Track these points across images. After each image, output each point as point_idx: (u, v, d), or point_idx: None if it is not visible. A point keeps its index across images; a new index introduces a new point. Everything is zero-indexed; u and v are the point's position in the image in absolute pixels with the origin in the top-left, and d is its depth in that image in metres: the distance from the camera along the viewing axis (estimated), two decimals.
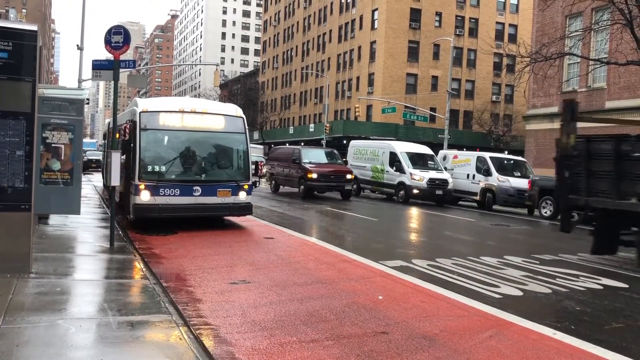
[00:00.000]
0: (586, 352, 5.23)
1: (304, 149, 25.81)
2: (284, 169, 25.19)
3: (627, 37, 19.61)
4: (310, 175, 22.68)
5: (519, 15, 56.63)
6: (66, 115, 9.95)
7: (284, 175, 25.30)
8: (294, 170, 24.01)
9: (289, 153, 25.44)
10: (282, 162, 25.49)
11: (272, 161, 27.10)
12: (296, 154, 24.30)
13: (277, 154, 27.54)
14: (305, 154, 24.28)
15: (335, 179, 23.26)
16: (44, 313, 5.57)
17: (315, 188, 23.26)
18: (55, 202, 10.09)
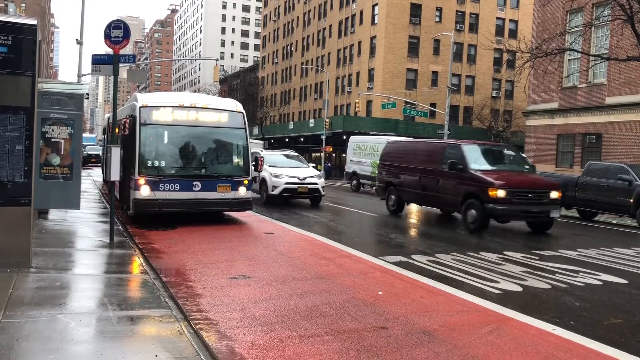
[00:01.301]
0: (585, 348, 5.24)
1: (468, 145, 14.91)
2: (424, 177, 15.48)
3: (628, 33, 19.57)
4: (494, 192, 12.90)
5: (519, 10, 56.54)
6: (66, 110, 9.95)
7: (423, 187, 15.50)
8: (450, 182, 14.28)
9: (434, 151, 15.56)
10: (417, 166, 15.91)
11: (391, 161, 17.48)
12: (453, 154, 14.46)
13: (401, 150, 17.49)
14: (472, 155, 14.23)
15: (535, 198, 13.41)
16: (44, 307, 5.58)
17: (500, 214, 13.15)
18: (54, 197, 10.10)
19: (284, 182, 17.81)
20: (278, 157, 20.09)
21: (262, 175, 17.83)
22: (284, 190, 17.82)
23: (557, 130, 29.12)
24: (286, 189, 17.85)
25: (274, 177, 17.97)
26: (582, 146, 27.77)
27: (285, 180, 17.85)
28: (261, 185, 18.39)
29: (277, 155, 20.64)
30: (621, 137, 25.65)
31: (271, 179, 17.96)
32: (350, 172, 28.08)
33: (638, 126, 24.38)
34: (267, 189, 18.06)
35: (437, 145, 15.87)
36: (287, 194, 17.99)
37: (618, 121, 25.72)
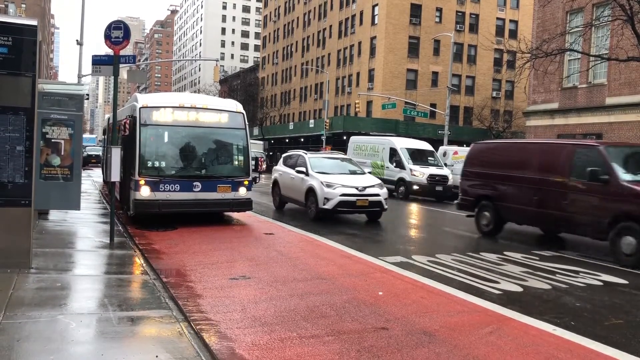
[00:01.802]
0: (586, 348, 5.24)
1: (610, 148, 10.97)
2: (540, 189, 11.58)
3: (628, 33, 19.56)
4: None
5: (519, 10, 56.53)
6: (66, 111, 9.96)
7: (539, 203, 11.59)
8: (588, 197, 10.61)
9: (556, 154, 11.66)
10: (528, 174, 11.90)
11: (482, 167, 13.48)
12: (589, 158, 10.73)
13: (499, 153, 13.55)
14: (617, 160, 10.57)
15: None
16: (44, 308, 5.58)
17: None
18: (55, 198, 10.11)
19: (339, 194, 13.79)
20: (328, 162, 16.02)
21: (308, 184, 14.48)
22: (339, 204, 13.82)
23: (557, 131, 29.10)
24: (342, 202, 13.84)
25: (325, 186, 13.96)
26: None
27: (341, 192, 13.84)
28: (308, 196, 14.63)
29: (326, 158, 16.40)
30: (621, 138, 25.62)
31: (322, 190, 13.96)
32: None
33: (638, 126, 24.36)
34: (317, 202, 14.02)
35: (560, 147, 11.83)
36: (342, 207, 14.00)
37: (618, 121, 25.71)
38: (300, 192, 15.07)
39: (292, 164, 16.32)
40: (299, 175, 15.24)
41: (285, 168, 16.59)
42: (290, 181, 15.98)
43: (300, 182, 15.16)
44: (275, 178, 17.33)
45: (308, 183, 14.63)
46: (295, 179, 15.51)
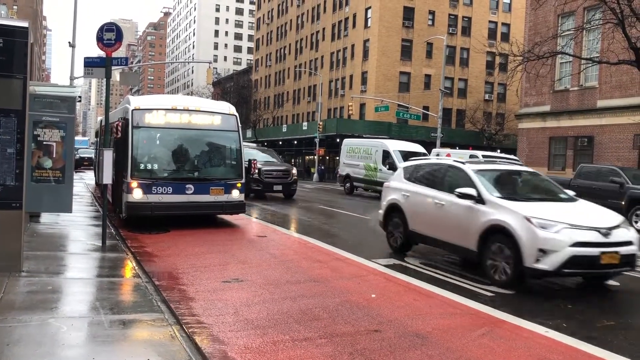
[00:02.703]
0: (578, 350, 5.26)
1: None
2: None
3: (619, 36, 19.70)
4: None
5: (511, 14, 56.81)
6: (58, 113, 9.90)
7: None
8: None
9: None
10: None
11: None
12: None
13: None
14: None
15: None
16: (35, 312, 5.54)
17: None
18: (46, 200, 10.05)
19: (568, 242, 7.43)
20: (506, 177, 9.94)
21: (491, 220, 8.14)
22: (570, 262, 7.40)
23: (549, 133, 29.26)
24: (576, 259, 7.43)
25: (538, 227, 7.61)
26: (574, 149, 27.92)
27: (573, 238, 7.48)
28: (487, 241, 8.15)
29: (504, 173, 10.01)
30: (612, 140, 25.80)
31: (532, 233, 7.59)
32: (343, 175, 28.11)
33: (629, 129, 24.53)
34: (521, 256, 7.59)
35: None
36: (576, 268, 7.58)
37: (609, 124, 25.88)
38: (463, 232, 8.57)
39: (432, 181, 9.88)
40: (460, 202, 8.66)
41: (418, 187, 10.05)
42: (434, 210, 9.35)
43: (464, 214, 8.60)
44: (393, 201, 10.52)
45: (489, 218, 8.12)
46: (450, 208, 8.96)
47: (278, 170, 21.75)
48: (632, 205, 16.12)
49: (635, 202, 16.10)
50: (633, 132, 24.15)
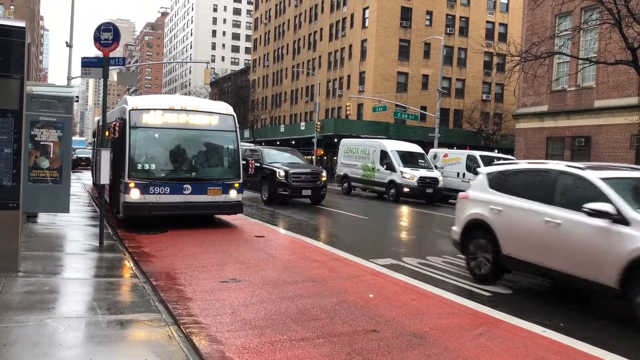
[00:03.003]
0: (575, 349, 5.27)
1: None
2: None
3: (616, 37, 19.73)
4: None
5: (509, 14, 56.89)
6: (55, 113, 9.88)
7: None
8: None
9: None
10: None
11: None
12: None
13: None
14: None
15: None
16: (32, 312, 5.53)
17: None
18: (43, 201, 10.02)
19: None
20: (634, 180, 7.50)
21: None
22: None
23: (546, 133, 29.30)
24: None
25: None
26: (572, 149, 27.96)
27: None
28: None
29: (627, 174, 7.50)
30: (609, 140, 25.85)
31: None
32: (341, 175, 28.13)
33: (626, 129, 24.57)
34: None
35: None
36: None
37: (607, 124, 25.93)
38: (593, 261, 6.57)
39: (534, 191, 7.83)
40: (589, 221, 6.68)
41: (513, 199, 8.00)
42: (544, 231, 7.30)
43: (595, 238, 6.63)
44: (477, 217, 8.51)
45: (638, 245, 6.11)
46: (571, 229, 6.97)
47: (307, 173, 19.66)
48: None
49: None
50: (630, 132, 24.19)
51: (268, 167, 19.61)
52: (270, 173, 19.32)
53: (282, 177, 18.89)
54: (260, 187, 19.89)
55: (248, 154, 20.89)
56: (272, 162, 20.03)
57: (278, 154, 21.67)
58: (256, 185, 20.02)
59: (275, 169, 19.20)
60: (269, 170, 19.44)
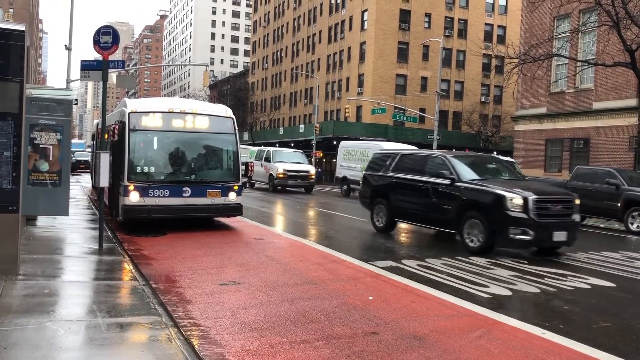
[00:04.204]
0: (575, 351, 5.27)
1: None
2: None
3: (614, 39, 19.79)
4: None
5: (507, 16, 57.00)
6: (54, 116, 9.88)
7: None
8: None
9: None
10: None
11: None
12: None
13: None
14: None
15: None
16: (32, 315, 5.53)
17: None
18: (43, 204, 10.02)
19: None
20: None
21: None
22: None
23: (545, 135, 29.34)
24: None
25: None
26: (570, 151, 28.00)
27: None
28: None
29: None
30: (608, 142, 25.90)
31: None
32: (340, 177, 28.15)
33: (625, 131, 24.61)
34: None
35: None
36: None
37: (605, 126, 25.98)
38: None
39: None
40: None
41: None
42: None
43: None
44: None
45: None
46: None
47: None
48: (628, 207, 16.18)
49: (631, 204, 16.16)
50: (628, 134, 24.23)
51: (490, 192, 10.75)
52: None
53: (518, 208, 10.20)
54: None
55: None
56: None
57: None
58: None
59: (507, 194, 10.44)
60: None
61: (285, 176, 27.41)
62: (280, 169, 27.38)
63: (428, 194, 11.83)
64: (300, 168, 28.30)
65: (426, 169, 12.26)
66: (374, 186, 13.88)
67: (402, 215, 12.93)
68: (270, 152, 29.31)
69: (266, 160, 28.97)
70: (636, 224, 15.96)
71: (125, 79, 12.79)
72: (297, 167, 28.14)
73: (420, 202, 12.16)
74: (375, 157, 14.60)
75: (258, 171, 29.00)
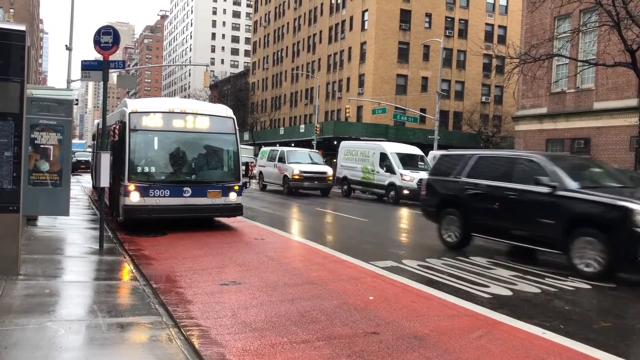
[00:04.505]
0: (575, 351, 5.27)
1: None
2: None
3: (615, 39, 19.76)
4: None
5: (508, 16, 56.98)
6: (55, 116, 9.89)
7: None
8: None
9: None
10: None
11: None
12: None
13: None
14: None
15: None
16: (32, 315, 5.53)
17: None
18: (43, 204, 10.03)
19: None
20: None
21: None
22: None
23: (546, 135, 29.33)
24: None
25: None
26: (571, 151, 27.98)
27: None
28: None
29: None
30: (609, 142, 25.88)
31: None
32: (341, 177, 28.14)
33: (626, 131, 24.59)
34: None
35: None
36: None
37: (606, 126, 25.96)
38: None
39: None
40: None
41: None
42: None
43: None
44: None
45: None
46: None
47: None
48: None
49: None
50: (629, 134, 24.21)
51: None
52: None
53: None
54: None
55: None
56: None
57: None
58: None
59: None
60: None
61: (301, 178, 25.75)
62: (296, 170, 25.72)
63: (518, 205, 9.98)
64: (317, 169, 26.50)
65: (513, 173, 10.32)
66: (442, 194, 11.84)
67: (482, 230, 10.83)
68: (284, 152, 27.67)
69: (280, 160, 27.31)
70: None
71: (126, 79, 12.80)
72: (314, 168, 26.46)
73: (507, 215, 10.22)
74: (443, 159, 12.60)
75: (270, 172, 27.99)
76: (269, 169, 28.30)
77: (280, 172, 27.01)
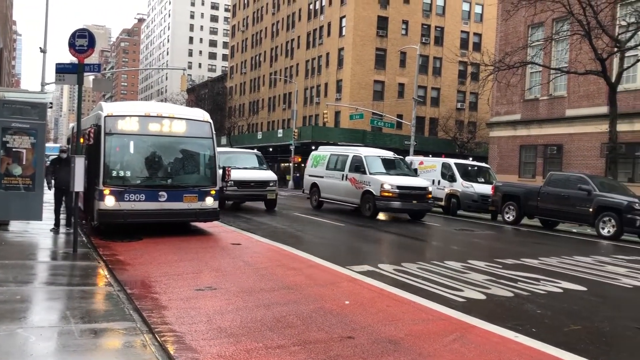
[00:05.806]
0: (546, 354, 5.36)
1: None
2: None
3: (586, 48, 20.22)
4: None
5: (483, 24, 57.83)
6: (28, 120, 9.77)
7: None
8: None
9: None
10: None
11: None
12: None
13: None
14: None
15: None
16: (2, 322, 5.44)
17: None
18: (15, 208, 9.89)
19: None
20: None
21: None
22: None
23: (519, 142, 29.80)
24: None
25: None
26: (544, 157, 28.49)
27: None
28: None
29: None
30: (581, 148, 26.42)
31: None
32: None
33: (597, 137, 25.14)
34: None
35: None
36: None
37: (578, 132, 26.50)
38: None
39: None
40: None
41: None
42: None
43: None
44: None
45: None
46: None
47: None
48: (599, 212, 16.52)
49: (602, 209, 16.50)
50: (600, 141, 24.76)
51: None
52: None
53: None
54: None
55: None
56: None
57: None
58: None
59: None
60: None
61: (395, 195, 18.49)
62: (386, 185, 18.47)
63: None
64: (414, 183, 19.51)
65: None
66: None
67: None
68: (362, 159, 20.02)
69: (357, 170, 19.86)
70: (607, 229, 16.30)
71: (102, 83, 12.67)
72: (410, 182, 19.40)
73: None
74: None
75: (336, 186, 20.90)
76: (332, 181, 21.43)
77: (359, 188, 19.73)
